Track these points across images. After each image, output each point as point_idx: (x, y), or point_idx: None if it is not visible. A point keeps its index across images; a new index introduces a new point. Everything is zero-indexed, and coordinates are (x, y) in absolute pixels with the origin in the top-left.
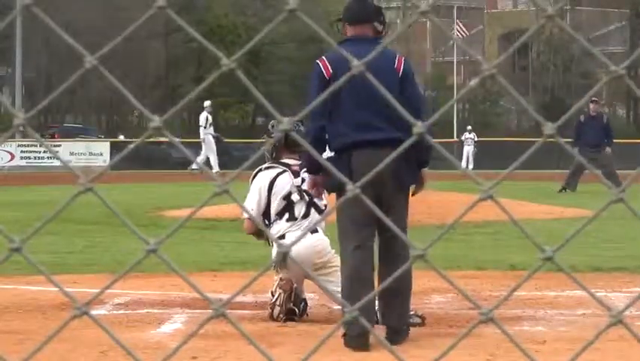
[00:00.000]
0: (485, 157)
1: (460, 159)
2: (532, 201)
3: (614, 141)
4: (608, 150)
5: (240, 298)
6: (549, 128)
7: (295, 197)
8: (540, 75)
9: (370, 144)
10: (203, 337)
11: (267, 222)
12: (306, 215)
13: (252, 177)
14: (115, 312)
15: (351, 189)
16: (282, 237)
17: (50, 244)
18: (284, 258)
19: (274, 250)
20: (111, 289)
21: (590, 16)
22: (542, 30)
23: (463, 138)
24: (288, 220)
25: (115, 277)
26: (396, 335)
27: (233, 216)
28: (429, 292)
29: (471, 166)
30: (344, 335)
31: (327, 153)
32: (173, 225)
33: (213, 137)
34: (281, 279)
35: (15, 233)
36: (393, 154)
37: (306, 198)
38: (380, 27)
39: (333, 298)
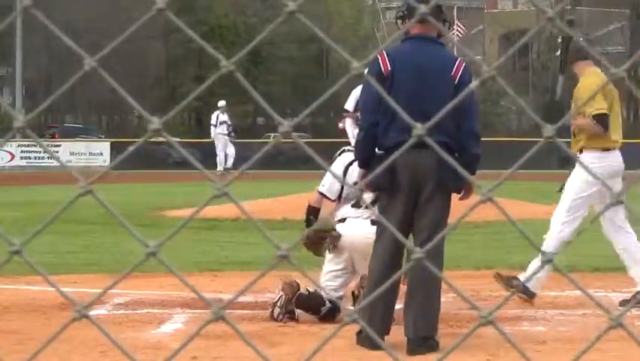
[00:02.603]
0: (485, 157)
1: None
2: (532, 202)
3: None
4: None
5: (240, 298)
6: (548, 130)
7: None
8: (540, 75)
9: (414, 145)
10: (203, 337)
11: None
12: (372, 204)
13: (337, 154)
14: (115, 312)
15: (353, 191)
16: (343, 220)
17: (50, 244)
18: (336, 241)
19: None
20: (111, 289)
21: (591, 16)
22: (543, 30)
23: None
24: (353, 206)
25: (114, 280)
26: (413, 346)
27: (233, 216)
28: None
29: None
30: (359, 332)
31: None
32: (173, 225)
33: (225, 134)
34: (285, 282)
35: (15, 233)
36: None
37: None
38: (445, 25)
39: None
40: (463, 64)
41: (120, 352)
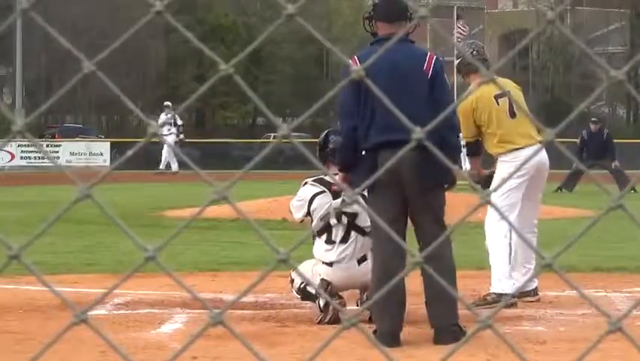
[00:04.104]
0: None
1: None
2: None
3: (616, 140)
4: (616, 163)
5: (240, 299)
6: (548, 134)
7: (332, 220)
8: (540, 75)
9: (395, 145)
10: (203, 337)
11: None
12: (344, 240)
13: (302, 183)
14: (115, 312)
15: (350, 195)
16: (331, 264)
17: (50, 244)
18: (328, 285)
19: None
20: (111, 292)
21: (591, 16)
22: (543, 31)
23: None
24: (326, 242)
25: (114, 281)
26: (442, 334)
27: (233, 216)
28: None
29: (468, 166)
30: (375, 331)
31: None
32: (173, 225)
33: (167, 135)
34: (339, 296)
35: (16, 233)
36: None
37: (344, 221)
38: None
39: (333, 303)
40: (434, 57)
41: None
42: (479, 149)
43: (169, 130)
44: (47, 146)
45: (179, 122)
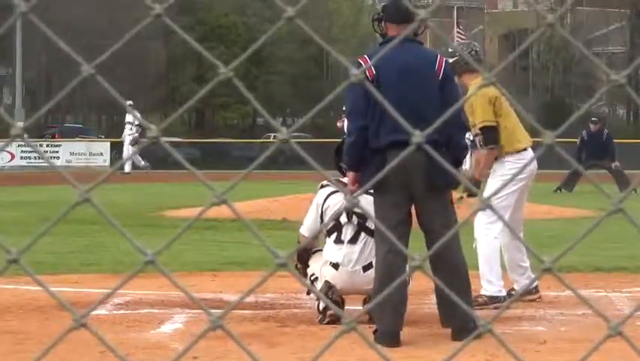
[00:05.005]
0: None
1: None
2: (532, 202)
3: (616, 140)
4: (616, 163)
5: None
6: (548, 137)
7: (343, 219)
8: (540, 75)
9: (405, 145)
10: (204, 337)
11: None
12: (353, 240)
13: (319, 186)
14: (115, 312)
15: (350, 198)
16: (336, 266)
17: (50, 244)
18: (329, 289)
19: (316, 265)
20: (111, 289)
21: (591, 16)
22: (542, 33)
23: None
24: (335, 242)
25: (114, 282)
26: (464, 332)
27: (233, 216)
28: (429, 293)
29: (467, 167)
30: (375, 331)
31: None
32: (173, 225)
33: (130, 134)
34: (341, 299)
35: (16, 233)
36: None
37: (355, 220)
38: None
39: (329, 305)
40: (444, 59)
41: (120, 352)
42: (499, 135)
43: (130, 129)
44: (47, 146)
45: (137, 121)
